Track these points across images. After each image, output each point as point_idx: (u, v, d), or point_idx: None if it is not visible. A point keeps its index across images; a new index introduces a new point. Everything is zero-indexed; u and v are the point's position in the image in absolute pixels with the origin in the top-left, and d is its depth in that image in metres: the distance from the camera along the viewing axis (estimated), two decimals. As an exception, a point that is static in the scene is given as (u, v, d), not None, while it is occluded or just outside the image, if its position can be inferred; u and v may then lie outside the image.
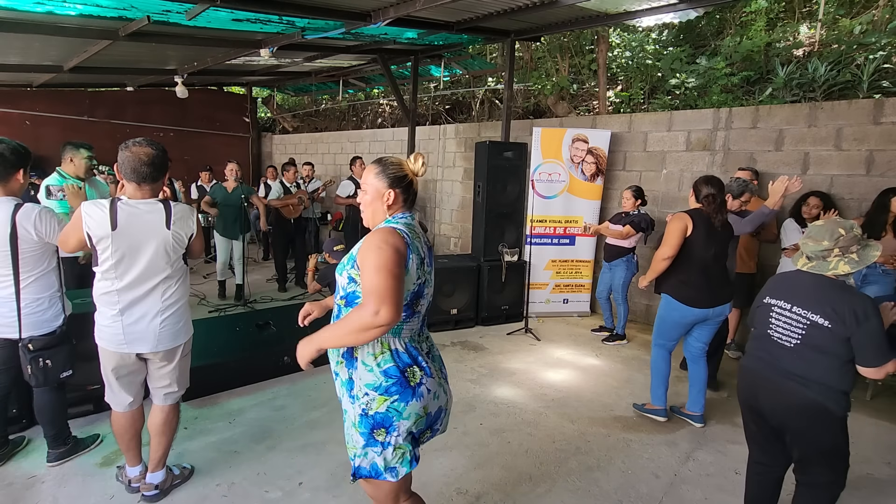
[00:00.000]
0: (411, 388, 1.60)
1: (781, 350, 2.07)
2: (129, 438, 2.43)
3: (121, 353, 2.23)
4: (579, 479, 2.73)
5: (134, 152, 2.12)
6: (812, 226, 2.12)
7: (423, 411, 1.63)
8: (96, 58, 5.89)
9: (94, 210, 2.11)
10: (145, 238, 2.16)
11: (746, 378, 2.22)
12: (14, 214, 2.33)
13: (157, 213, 2.18)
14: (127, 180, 2.16)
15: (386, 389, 1.59)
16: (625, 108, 6.61)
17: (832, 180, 4.35)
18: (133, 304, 2.19)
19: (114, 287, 2.16)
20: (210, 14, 4.34)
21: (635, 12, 4.50)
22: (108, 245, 2.11)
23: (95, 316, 2.24)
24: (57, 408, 2.66)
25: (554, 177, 5.46)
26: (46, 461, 2.66)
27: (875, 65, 4.72)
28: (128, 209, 2.13)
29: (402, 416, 1.59)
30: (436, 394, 1.66)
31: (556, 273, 5.67)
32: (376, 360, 1.61)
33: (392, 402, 1.59)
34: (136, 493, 2.46)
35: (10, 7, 4.09)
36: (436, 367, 1.72)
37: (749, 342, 2.28)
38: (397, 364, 1.61)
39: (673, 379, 3.48)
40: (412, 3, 4.02)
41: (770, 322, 2.12)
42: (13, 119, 8.33)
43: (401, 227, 1.62)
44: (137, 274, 2.17)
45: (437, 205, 7.82)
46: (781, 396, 2.06)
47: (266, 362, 3.79)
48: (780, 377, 2.06)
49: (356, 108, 10.92)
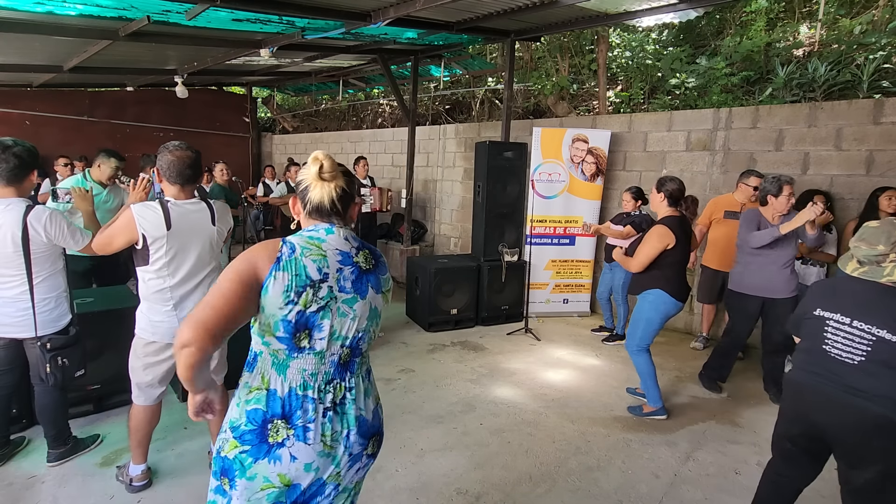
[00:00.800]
0: (268, 444, 1.31)
1: (843, 367, 1.91)
2: (145, 434, 2.48)
3: None
4: (579, 479, 2.73)
5: (179, 156, 2.26)
6: (865, 227, 1.96)
7: (280, 480, 1.30)
8: (96, 58, 5.89)
9: (147, 212, 2.21)
10: (194, 236, 2.31)
11: (797, 394, 2.07)
12: (25, 216, 2.36)
13: (203, 212, 2.35)
14: (171, 183, 2.28)
15: (241, 435, 1.32)
16: (625, 108, 6.61)
17: (832, 180, 4.35)
18: (185, 297, 2.33)
19: (166, 284, 2.28)
20: (210, 14, 4.33)
21: (635, 12, 4.50)
22: (162, 244, 2.23)
23: (143, 313, 2.32)
24: (59, 408, 2.67)
25: (554, 177, 5.46)
26: (46, 461, 2.66)
27: (875, 65, 4.72)
28: (178, 209, 2.27)
29: (245, 473, 1.30)
30: (309, 465, 1.32)
31: (556, 273, 5.67)
32: (247, 397, 1.35)
33: (240, 452, 1.31)
34: (137, 493, 2.47)
35: (10, 7, 4.09)
36: (328, 432, 1.34)
37: (797, 354, 2.14)
38: (265, 409, 1.32)
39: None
40: (412, 3, 4.02)
41: (825, 337, 1.97)
42: (13, 119, 8.33)
43: (292, 240, 1.35)
44: (188, 270, 2.31)
45: (437, 205, 7.82)
46: (843, 413, 1.91)
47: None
48: (843, 393, 1.90)
49: (356, 108, 10.92)
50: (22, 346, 2.52)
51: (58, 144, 7.86)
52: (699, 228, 4.66)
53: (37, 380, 2.54)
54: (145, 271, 2.27)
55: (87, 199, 2.71)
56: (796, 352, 2.16)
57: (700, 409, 3.57)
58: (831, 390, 1.93)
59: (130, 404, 2.46)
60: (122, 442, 2.90)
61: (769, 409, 3.57)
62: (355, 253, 1.43)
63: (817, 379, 1.99)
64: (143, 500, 2.44)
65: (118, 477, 2.57)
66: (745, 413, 3.53)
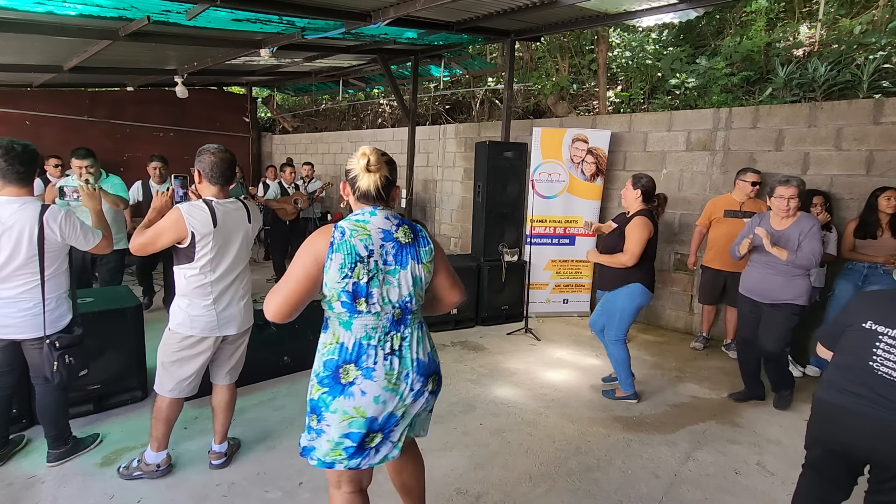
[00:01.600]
0: (341, 384, 1.63)
1: (892, 388, 1.76)
2: (170, 424, 2.58)
3: (213, 338, 2.47)
4: (579, 479, 2.73)
5: (221, 158, 2.38)
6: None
7: (356, 412, 1.62)
8: (96, 58, 5.89)
9: (196, 211, 2.32)
10: (235, 233, 2.45)
11: (833, 418, 1.89)
12: (42, 215, 2.37)
13: (241, 211, 2.49)
14: (213, 183, 2.40)
15: (321, 380, 1.67)
16: (625, 108, 6.61)
17: (832, 180, 4.35)
18: (223, 292, 2.46)
19: (207, 279, 2.40)
20: (210, 14, 4.33)
21: (635, 12, 4.50)
22: (208, 242, 2.34)
23: (182, 309, 2.41)
24: (60, 408, 2.67)
25: (554, 177, 5.46)
26: (46, 461, 2.66)
27: (875, 65, 4.72)
28: (222, 208, 2.39)
29: (329, 409, 1.64)
30: (377, 398, 1.63)
31: (556, 273, 5.67)
32: (323, 350, 1.70)
33: (322, 393, 1.66)
34: (163, 478, 2.58)
35: (10, 7, 4.09)
36: (392, 371, 1.65)
37: (833, 372, 1.96)
38: (337, 358, 1.65)
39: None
40: (412, 3, 4.02)
41: (874, 353, 1.81)
42: (13, 119, 8.33)
43: (342, 225, 1.64)
44: (227, 266, 2.45)
45: (437, 205, 7.82)
46: (885, 437, 1.76)
47: (266, 362, 3.79)
48: (889, 416, 1.75)
49: (356, 108, 10.92)
50: (19, 348, 2.51)
51: (58, 144, 7.83)
52: (699, 229, 4.66)
53: (39, 380, 2.54)
54: (188, 268, 2.37)
55: (95, 198, 2.71)
56: (830, 367, 1.99)
57: (700, 409, 3.57)
58: (879, 414, 1.76)
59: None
60: (122, 442, 2.91)
61: (769, 410, 3.57)
62: (395, 229, 1.69)
63: (859, 402, 1.81)
64: (144, 499, 2.44)
65: (132, 474, 2.57)
66: (745, 413, 3.53)
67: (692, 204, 5.15)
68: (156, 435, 2.57)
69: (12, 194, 2.36)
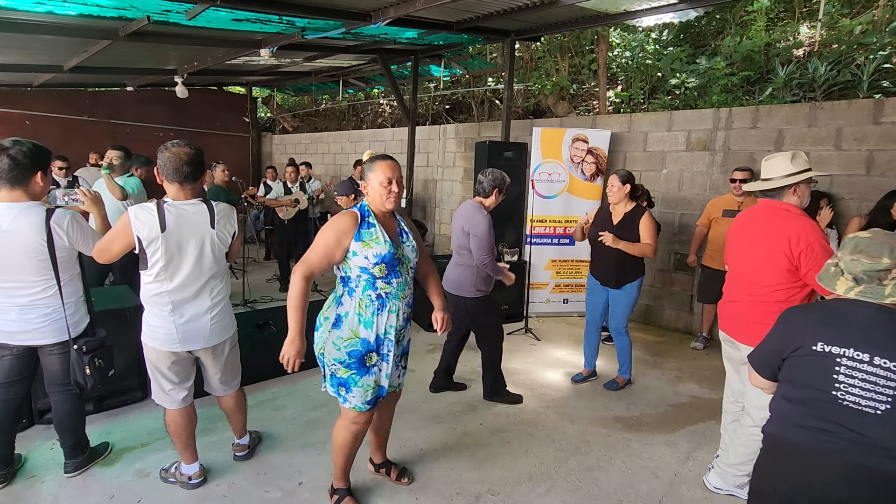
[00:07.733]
0: (336, 318, 2.17)
1: (862, 418, 1.47)
2: (187, 437, 2.47)
3: (175, 352, 2.30)
4: (579, 479, 2.73)
5: (175, 153, 2.19)
6: (860, 238, 1.56)
7: (352, 333, 2.13)
8: (96, 58, 5.89)
9: (142, 213, 2.15)
10: (192, 238, 2.23)
11: (794, 459, 1.58)
12: (48, 220, 2.27)
13: (202, 214, 2.26)
14: (169, 181, 2.21)
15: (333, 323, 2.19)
16: (625, 108, 6.61)
17: (832, 180, 4.35)
18: (184, 303, 2.26)
19: (164, 288, 2.22)
20: (210, 14, 4.34)
21: (635, 12, 4.50)
22: (158, 247, 2.16)
23: (144, 317, 2.29)
24: (79, 415, 2.60)
25: (554, 177, 5.46)
26: (64, 472, 2.58)
27: (875, 65, 4.72)
28: (175, 210, 2.19)
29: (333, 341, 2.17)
30: (364, 323, 2.13)
31: (556, 273, 5.67)
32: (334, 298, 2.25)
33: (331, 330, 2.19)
34: (195, 490, 2.49)
35: (10, 7, 4.09)
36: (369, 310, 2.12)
37: (785, 405, 1.64)
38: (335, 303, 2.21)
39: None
40: (412, 3, 4.02)
41: (835, 380, 1.51)
42: (13, 119, 8.34)
43: (364, 202, 2.20)
44: (186, 274, 2.24)
45: (437, 205, 7.82)
46: (874, 485, 1.46)
47: (266, 362, 3.78)
48: (865, 455, 1.46)
49: (356, 108, 10.92)
50: (35, 357, 2.44)
51: (58, 144, 7.82)
52: (699, 229, 4.66)
53: (58, 387, 2.47)
54: (145, 275, 2.23)
55: (98, 202, 2.57)
56: (778, 398, 1.68)
57: (700, 409, 3.57)
58: (853, 453, 1.48)
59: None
60: (122, 442, 2.90)
61: (769, 409, 3.57)
62: None
63: (827, 439, 1.51)
64: (143, 499, 2.44)
65: (168, 479, 2.54)
66: (745, 413, 3.53)
67: (692, 204, 5.15)
68: (178, 449, 2.49)
69: (15, 199, 2.29)
